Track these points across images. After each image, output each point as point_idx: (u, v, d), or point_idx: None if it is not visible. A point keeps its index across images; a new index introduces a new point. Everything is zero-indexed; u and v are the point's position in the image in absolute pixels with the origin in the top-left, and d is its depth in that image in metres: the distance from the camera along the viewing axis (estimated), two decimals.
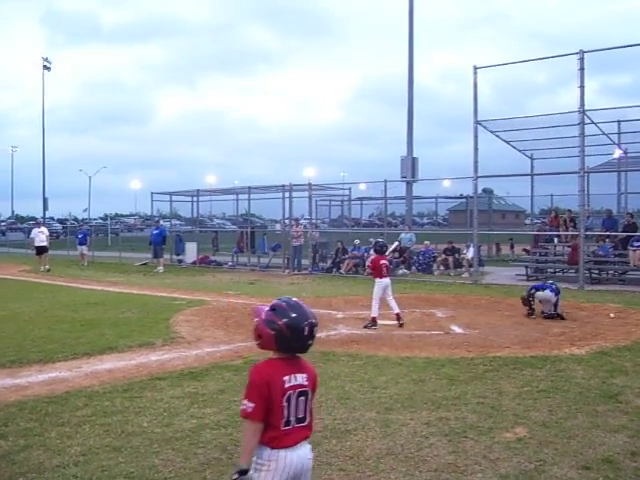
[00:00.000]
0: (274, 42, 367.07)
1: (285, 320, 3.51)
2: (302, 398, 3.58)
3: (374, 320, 13.13)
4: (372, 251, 17.09)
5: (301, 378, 3.58)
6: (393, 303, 13.35)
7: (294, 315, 3.54)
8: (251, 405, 3.44)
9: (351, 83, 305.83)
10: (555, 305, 13.89)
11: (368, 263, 17.73)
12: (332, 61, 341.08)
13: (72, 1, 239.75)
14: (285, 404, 3.52)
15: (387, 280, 13.43)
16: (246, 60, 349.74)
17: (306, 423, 3.61)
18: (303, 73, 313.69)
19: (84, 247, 34.12)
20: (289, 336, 3.51)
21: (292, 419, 3.55)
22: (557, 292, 13.96)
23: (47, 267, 29.49)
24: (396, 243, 24.90)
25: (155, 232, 31.08)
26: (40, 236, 30.52)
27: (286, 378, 3.53)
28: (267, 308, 3.61)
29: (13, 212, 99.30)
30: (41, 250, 30.33)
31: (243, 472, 3.46)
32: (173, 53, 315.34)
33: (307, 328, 3.54)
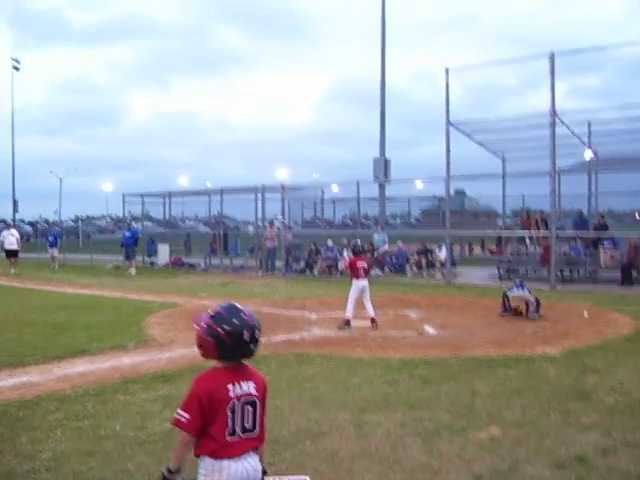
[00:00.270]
0: (245, 43, 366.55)
1: (224, 327, 3.40)
2: (249, 407, 3.44)
3: (348, 321, 13.12)
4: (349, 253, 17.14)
5: (247, 387, 3.45)
6: (369, 306, 13.32)
7: (233, 321, 3.43)
8: (186, 416, 3.35)
9: (322, 84, 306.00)
10: (537, 304, 14.04)
11: (345, 264, 17.75)
12: (303, 63, 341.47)
13: (40, 2, 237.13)
14: (229, 414, 3.40)
15: (364, 282, 13.39)
16: (217, 61, 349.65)
17: (255, 434, 3.48)
18: (274, 74, 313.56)
19: (55, 249, 33.77)
20: (230, 343, 3.40)
21: (237, 429, 3.42)
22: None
23: (16, 271, 28.99)
24: (385, 246, 24.93)
25: (127, 234, 30.78)
26: (10, 238, 30.08)
27: (230, 387, 3.42)
28: (207, 315, 3.50)
29: None
30: (11, 254, 29.98)
31: (169, 471, 3.43)
32: (143, 54, 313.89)
33: (247, 333, 3.42)
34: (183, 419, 3.36)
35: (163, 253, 33.59)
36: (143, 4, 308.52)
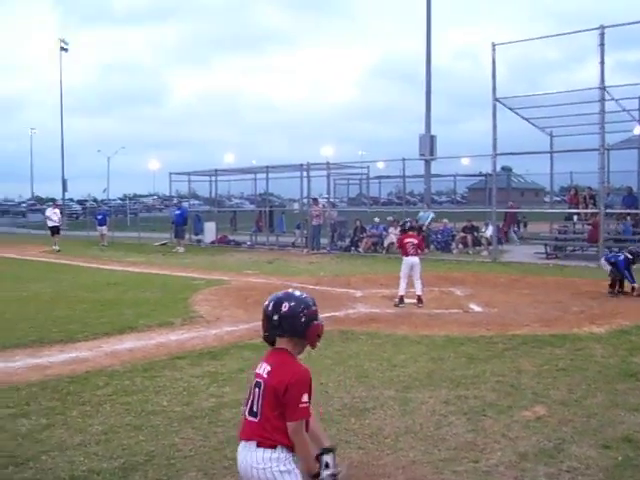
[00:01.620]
0: (286, 21, 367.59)
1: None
2: (257, 389, 3.39)
3: (401, 298, 13.16)
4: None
5: (263, 368, 3.43)
6: (418, 284, 13.32)
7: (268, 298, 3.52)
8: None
9: (365, 62, 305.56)
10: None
11: (392, 241, 17.76)
12: (345, 40, 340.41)
13: None
14: (249, 389, 3.47)
15: (413, 259, 13.37)
16: (259, 40, 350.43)
17: (256, 419, 3.36)
18: (315, 52, 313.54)
19: (104, 228, 34.27)
20: (262, 319, 3.50)
21: (247, 408, 3.44)
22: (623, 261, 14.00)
23: (57, 248, 29.83)
24: (432, 216, 24.70)
25: (177, 212, 31.14)
26: (53, 217, 30.98)
27: (259, 364, 3.49)
28: None
29: (33, 194, 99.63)
30: (54, 230, 30.99)
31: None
32: (186, 34, 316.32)
33: (267, 303, 3.48)
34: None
35: (209, 231, 33.76)
36: None
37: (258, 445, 3.30)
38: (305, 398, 3.29)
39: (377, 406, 6.71)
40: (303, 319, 3.41)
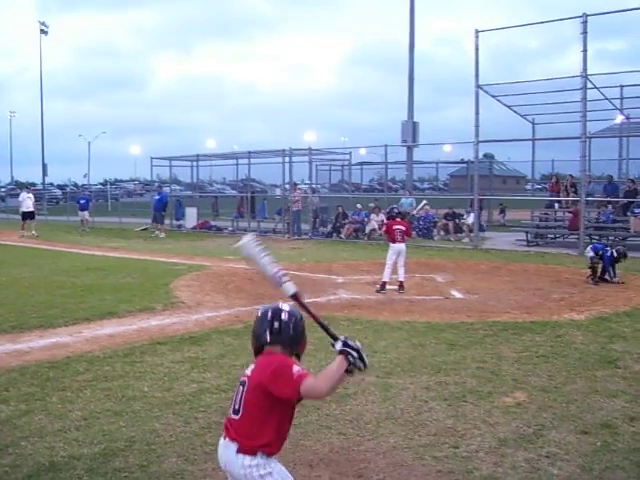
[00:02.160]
0: (267, 7, 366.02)
1: None
2: (241, 387, 3.40)
3: (383, 284, 13.19)
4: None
5: (249, 368, 3.44)
6: (401, 270, 13.38)
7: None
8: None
9: (346, 48, 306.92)
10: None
11: (383, 228, 17.76)
12: (326, 27, 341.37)
13: None
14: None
15: (399, 245, 13.41)
16: (240, 25, 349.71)
17: (237, 417, 3.35)
18: (297, 38, 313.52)
19: (86, 213, 34.09)
20: (255, 329, 3.52)
21: (230, 408, 3.43)
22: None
23: (34, 232, 29.75)
24: (424, 202, 24.64)
25: (156, 198, 31.07)
26: (27, 202, 30.86)
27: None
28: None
29: (13, 178, 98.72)
30: (27, 216, 30.76)
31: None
32: (167, 18, 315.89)
33: (263, 313, 3.52)
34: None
35: (191, 216, 33.70)
36: None
37: (238, 451, 3.28)
38: (295, 370, 3.26)
39: (358, 392, 6.73)
40: (300, 328, 3.51)
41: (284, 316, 3.46)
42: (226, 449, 3.35)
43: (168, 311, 11.21)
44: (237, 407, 3.35)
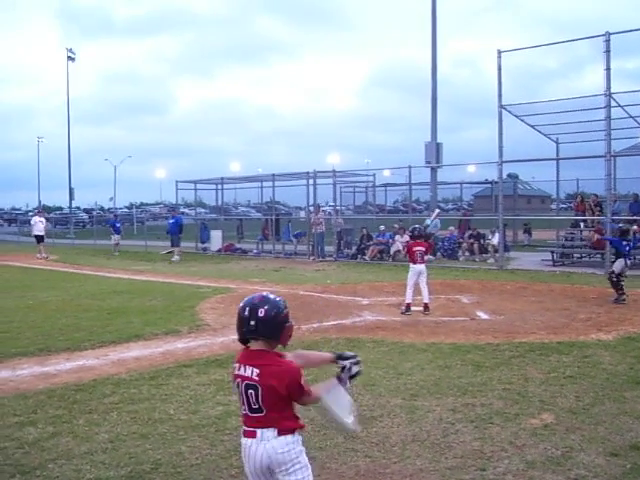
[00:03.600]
0: (285, 32, 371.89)
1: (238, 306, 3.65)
2: (251, 391, 3.52)
3: (408, 306, 13.14)
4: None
5: (250, 371, 3.53)
6: (425, 291, 13.29)
7: (243, 301, 3.66)
8: None
9: (365, 71, 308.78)
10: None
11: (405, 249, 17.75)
12: (345, 50, 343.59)
13: None
14: (236, 390, 3.64)
15: (420, 267, 13.33)
16: (259, 51, 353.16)
17: (263, 414, 3.52)
18: (315, 62, 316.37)
19: (119, 236, 34.22)
20: (237, 321, 3.62)
21: (245, 407, 3.59)
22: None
23: (45, 255, 30.39)
24: (437, 210, 24.49)
25: (171, 221, 30.74)
26: (39, 225, 31.33)
27: (236, 365, 3.62)
28: None
29: (40, 202, 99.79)
30: (39, 239, 31.35)
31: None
32: (186, 45, 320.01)
33: (247, 308, 3.58)
34: None
35: (216, 239, 33.82)
36: None
37: (279, 434, 3.49)
38: (303, 382, 3.50)
39: (384, 414, 6.70)
40: (278, 323, 3.58)
41: (261, 313, 3.54)
42: (261, 441, 3.51)
43: (194, 334, 11.25)
44: (256, 407, 3.53)
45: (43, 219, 32.62)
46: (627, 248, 14.41)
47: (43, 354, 9.70)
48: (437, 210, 23.76)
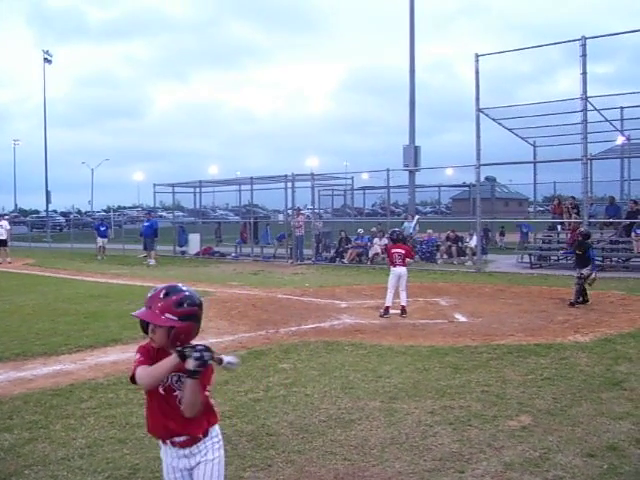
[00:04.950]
0: (259, 37, 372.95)
1: (197, 302, 3.71)
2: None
3: (387, 309, 13.17)
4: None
5: None
6: (403, 294, 13.33)
7: (189, 294, 3.73)
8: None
9: (338, 75, 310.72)
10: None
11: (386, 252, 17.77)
12: (319, 54, 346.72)
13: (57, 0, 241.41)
14: None
15: (399, 269, 13.36)
16: (234, 54, 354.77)
17: None
18: (290, 66, 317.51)
19: (105, 240, 33.21)
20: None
21: None
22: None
23: (8, 260, 30.12)
24: (417, 217, 24.51)
25: (146, 224, 30.38)
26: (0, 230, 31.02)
27: None
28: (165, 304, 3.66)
29: (16, 206, 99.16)
30: (1, 243, 31.03)
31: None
32: (160, 49, 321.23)
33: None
34: None
35: (194, 242, 33.73)
36: (155, 1, 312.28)
37: None
38: (137, 356, 3.64)
39: (363, 417, 6.70)
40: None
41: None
42: None
43: None
44: None
45: (4, 223, 32.17)
46: (594, 253, 14.51)
47: (19, 359, 9.61)
48: (417, 216, 23.88)
